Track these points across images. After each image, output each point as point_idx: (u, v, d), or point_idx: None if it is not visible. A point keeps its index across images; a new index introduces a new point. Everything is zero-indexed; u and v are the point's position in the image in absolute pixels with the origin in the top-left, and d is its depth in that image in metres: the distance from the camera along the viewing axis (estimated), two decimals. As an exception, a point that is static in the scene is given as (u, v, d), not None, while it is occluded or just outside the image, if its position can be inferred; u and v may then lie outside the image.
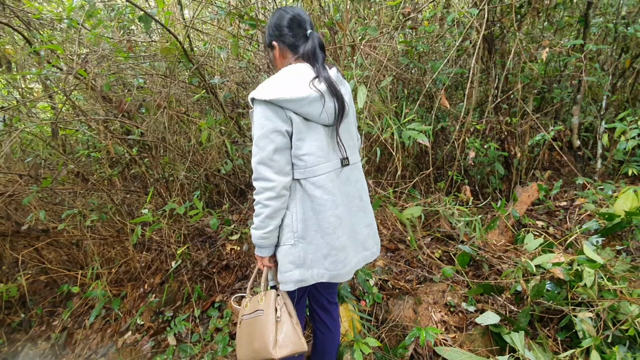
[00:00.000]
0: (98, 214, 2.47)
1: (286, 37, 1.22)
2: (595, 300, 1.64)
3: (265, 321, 1.21)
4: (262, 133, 1.11)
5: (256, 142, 1.12)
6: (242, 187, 2.98)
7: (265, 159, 1.12)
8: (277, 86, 1.12)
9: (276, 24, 1.23)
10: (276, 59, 1.27)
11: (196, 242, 2.58)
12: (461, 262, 2.35)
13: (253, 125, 1.14)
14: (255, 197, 1.16)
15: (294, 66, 1.20)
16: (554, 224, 3.12)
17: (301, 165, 1.18)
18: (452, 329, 1.97)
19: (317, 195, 1.19)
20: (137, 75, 2.69)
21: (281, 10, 1.24)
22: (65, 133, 2.44)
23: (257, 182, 1.14)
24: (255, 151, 1.13)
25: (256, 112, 1.12)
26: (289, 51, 1.24)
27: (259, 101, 1.11)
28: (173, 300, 2.22)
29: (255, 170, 1.14)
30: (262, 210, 1.15)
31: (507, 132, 3.42)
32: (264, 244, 1.20)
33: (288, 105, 1.11)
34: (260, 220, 1.16)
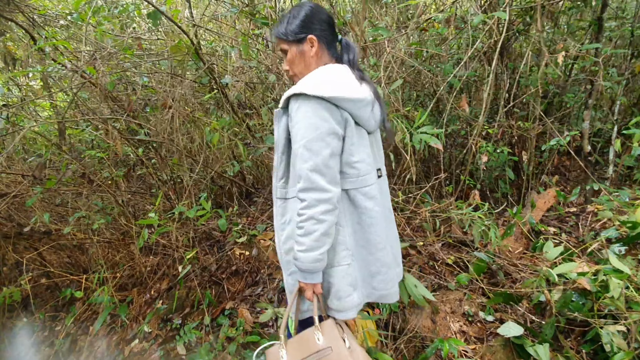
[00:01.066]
0: (103, 216, 2.40)
1: (327, 34, 1.11)
2: (625, 312, 1.59)
3: (339, 357, 1.02)
4: (316, 135, 0.97)
5: (308, 145, 0.97)
6: (251, 189, 2.91)
7: (321, 166, 0.97)
8: (332, 83, 1.00)
9: (319, 19, 1.10)
10: (307, 56, 1.11)
11: (204, 246, 2.51)
12: (477, 270, 2.29)
13: (296, 125, 0.99)
14: (304, 211, 0.99)
15: (336, 66, 1.09)
16: (566, 231, 3.07)
17: (353, 174, 1.06)
18: (471, 339, 1.91)
19: (368, 207, 1.08)
20: (143, 74, 2.62)
21: (317, 6, 1.13)
22: (70, 133, 2.37)
23: (308, 193, 0.98)
24: (306, 156, 0.97)
25: (304, 110, 0.97)
26: (326, 50, 1.13)
27: (311, 98, 0.97)
28: (181, 307, 2.15)
29: (306, 178, 0.98)
30: (316, 227, 0.98)
31: (518, 136, 3.38)
32: (317, 268, 1.02)
33: (346, 105, 1.00)
34: (315, 240, 0.99)
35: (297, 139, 0.99)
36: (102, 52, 1.95)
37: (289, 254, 1.11)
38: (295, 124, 1.00)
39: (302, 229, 1.00)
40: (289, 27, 1.09)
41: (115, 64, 2.17)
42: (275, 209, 1.16)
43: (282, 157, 1.10)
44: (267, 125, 2.76)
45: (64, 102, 2.63)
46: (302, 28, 1.08)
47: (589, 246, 2.14)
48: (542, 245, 2.26)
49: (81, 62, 1.89)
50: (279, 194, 1.14)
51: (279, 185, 1.14)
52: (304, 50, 1.10)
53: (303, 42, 1.09)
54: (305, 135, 0.97)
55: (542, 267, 2.01)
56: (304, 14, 1.09)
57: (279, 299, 2.16)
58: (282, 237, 1.13)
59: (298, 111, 0.99)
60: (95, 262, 2.50)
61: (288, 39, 1.10)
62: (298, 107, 0.99)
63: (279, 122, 1.08)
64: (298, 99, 0.99)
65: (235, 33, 2.55)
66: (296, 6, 1.13)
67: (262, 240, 2.45)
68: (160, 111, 2.33)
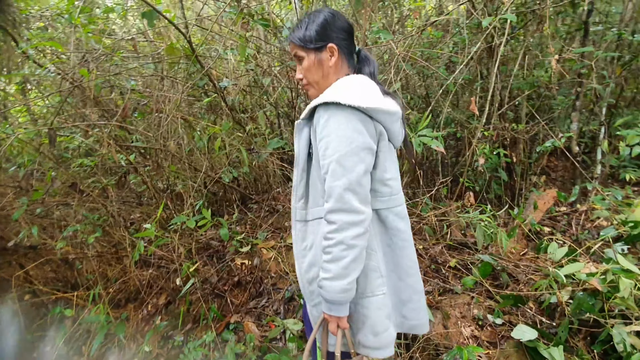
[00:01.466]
0: (92, 227, 2.26)
1: (346, 44, 1.04)
2: (636, 311, 1.60)
3: None
4: (350, 149, 0.87)
5: (341, 160, 0.87)
6: (248, 195, 2.82)
7: (354, 184, 0.87)
8: (365, 93, 0.92)
9: (339, 26, 1.02)
10: (325, 65, 1.03)
11: (203, 257, 2.40)
12: (482, 273, 2.29)
13: (326, 138, 0.89)
14: (333, 235, 0.88)
15: (362, 77, 1.00)
16: (560, 230, 3.13)
17: (385, 193, 0.98)
18: (484, 344, 1.89)
19: (400, 229, 1.00)
20: (132, 77, 2.50)
21: (337, 12, 1.05)
22: (59, 140, 2.22)
23: (338, 215, 0.87)
24: (339, 172, 0.87)
25: (336, 121, 0.88)
26: (345, 61, 1.05)
27: (344, 108, 0.88)
28: (182, 323, 2.04)
29: (338, 198, 0.87)
30: (346, 252, 0.87)
31: (511, 138, 3.43)
32: (345, 299, 0.91)
33: (381, 117, 0.93)
34: (344, 267, 0.88)
35: (328, 154, 0.89)
36: (93, 54, 1.83)
37: (312, 283, 1.00)
38: (324, 137, 0.90)
39: (329, 254, 0.89)
40: (307, 33, 1.01)
41: (108, 67, 2.05)
42: (295, 233, 1.06)
43: (303, 175, 1.01)
44: (263, 130, 2.69)
45: (44, 107, 2.47)
46: (321, 35, 1.00)
47: (591, 246, 2.17)
48: (547, 247, 2.28)
49: (71, 65, 1.76)
50: (298, 216, 1.04)
51: (298, 206, 1.04)
52: (322, 59, 1.02)
53: (322, 51, 1.01)
54: (337, 149, 0.88)
55: (549, 268, 2.02)
56: (323, 20, 1.01)
57: (286, 309, 2.09)
58: (304, 264, 1.02)
59: (328, 122, 0.89)
60: (84, 278, 2.35)
61: (306, 46, 1.01)
62: (328, 118, 0.89)
63: (300, 134, 1.00)
64: (328, 109, 0.89)
65: (231, 35, 2.47)
66: (314, 11, 1.05)
67: (263, 249, 2.37)
68: (154, 116, 2.22)
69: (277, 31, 2.53)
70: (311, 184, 1.01)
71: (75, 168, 2.16)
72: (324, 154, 0.91)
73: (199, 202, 2.45)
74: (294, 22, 3.14)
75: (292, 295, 2.15)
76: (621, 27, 2.87)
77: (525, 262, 2.49)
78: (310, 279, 1.01)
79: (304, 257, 1.03)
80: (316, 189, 0.99)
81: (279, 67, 2.84)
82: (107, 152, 1.88)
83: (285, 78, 2.81)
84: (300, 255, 1.04)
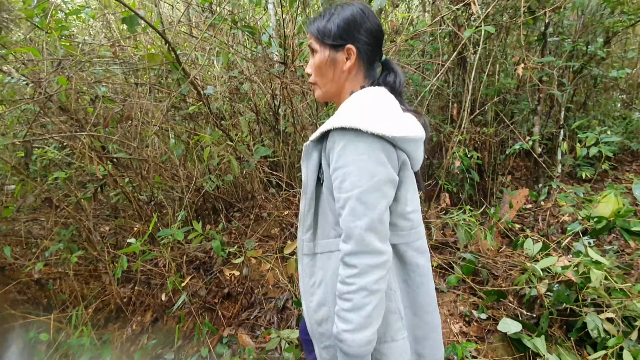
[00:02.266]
0: (67, 244, 2.12)
1: (369, 50, 0.90)
2: (607, 300, 1.76)
3: None
4: (372, 184, 0.77)
5: (362, 197, 0.77)
6: (233, 203, 2.77)
7: (376, 222, 0.78)
8: (388, 117, 0.81)
9: (367, 28, 0.88)
10: (338, 68, 0.90)
11: (189, 270, 2.32)
12: (466, 270, 2.40)
13: (343, 169, 0.78)
14: (354, 280, 0.78)
15: (381, 92, 0.88)
16: (529, 226, 3.35)
17: (406, 227, 0.89)
18: (473, 339, 1.98)
19: (420, 264, 0.92)
20: (110, 84, 2.38)
21: (368, 10, 0.90)
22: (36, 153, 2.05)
23: (360, 259, 0.77)
24: (360, 211, 0.77)
25: (356, 151, 0.77)
26: (363, 69, 0.92)
27: (366, 135, 0.77)
28: (172, 340, 1.96)
29: (360, 240, 0.77)
30: (369, 299, 0.77)
31: (481, 141, 3.64)
32: (368, 351, 0.80)
33: (406, 146, 0.82)
34: (367, 316, 0.78)
35: (345, 187, 0.79)
36: (69, 61, 1.73)
37: (322, 324, 0.90)
38: (340, 167, 0.79)
39: (349, 301, 0.78)
40: (328, 26, 0.88)
41: (85, 75, 1.94)
42: (301, 268, 0.95)
43: (312, 203, 0.90)
44: (244, 137, 2.66)
45: (10, 117, 2.28)
46: (342, 32, 0.88)
47: (561, 240, 2.35)
48: (522, 243, 2.44)
49: (44, 72, 1.65)
50: (305, 249, 0.93)
51: (305, 238, 0.93)
52: (336, 60, 0.90)
53: (339, 50, 0.89)
54: (358, 184, 0.77)
55: (527, 263, 2.16)
56: (350, 16, 0.88)
57: (279, 319, 2.07)
58: (312, 303, 0.92)
59: (345, 150, 0.78)
60: (59, 298, 2.19)
61: (322, 40, 0.90)
62: (345, 145, 0.78)
63: (309, 158, 0.88)
64: (345, 135, 0.78)
65: (212, 41, 2.43)
66: (343, 4, 0.91)
67: (252, 258, 2.33)
68: (134, 125, 2.13)
69: (259, 37, 2.52)
70: (321, 214, 0.91)
71: (50, 182, 2.01)
72: (339, 187, 0.80)
73: (181, 212, 2.37)
74: (273, 27, 3.14)
75: (284, 304, 2.13)
76: (576, 37, 3.14)
77: (502, 258, 2.64)
78: (320, 320, 0.91)
79: (312, 295, 0.92)
80: (326, 219, 0.89)
81: (258, 72, 2.83)
82: (85, 163, 1.77)
83: (267, 85, 2.79)
84: (308, 292, 0.93)
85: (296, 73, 2.46)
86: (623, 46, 5.08)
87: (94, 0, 3.63)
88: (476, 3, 2.35)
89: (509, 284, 2.28)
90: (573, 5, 3.05)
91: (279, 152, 2.77)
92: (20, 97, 2.02)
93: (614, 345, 1.60)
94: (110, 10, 2.73)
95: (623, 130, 4.80)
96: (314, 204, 0.91)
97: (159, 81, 2.48)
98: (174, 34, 2.62)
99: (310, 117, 2.92)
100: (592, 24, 3.40)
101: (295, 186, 2.60)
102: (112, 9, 2.82)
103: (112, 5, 2.97)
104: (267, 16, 3.60)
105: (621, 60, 4.83)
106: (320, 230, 0.91)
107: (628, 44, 5.17)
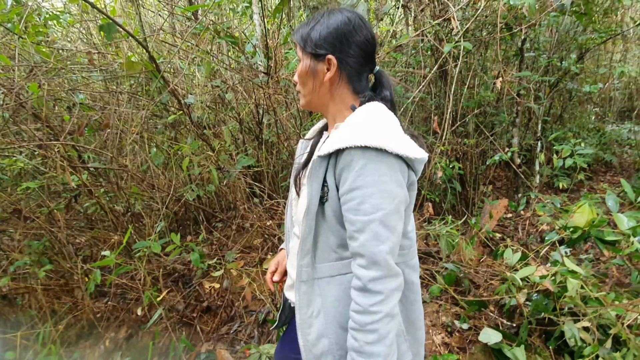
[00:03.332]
0: (38, 257, 2.03)
1: (355, 62, 0.85)
2: (584, 309, 1.79)
3: None
4: (393, 206, 0.75)
5: (385, 220, 0.74)
6: (214, 213, 2.72)
7: (396, 246, 0.76)
8: (402, 137, 0.79)
9: (355, 40, 0.83)
10: (318, 79, 0.85)
11: (167, 283, 2.25)
12: (448, 280, 2.41)
13: (362, 190, 0.74)
14: (379, 308, 0.74)
15: (383, 109, 0.84)
16: (509, 235, 3.42)
17: (406, 246, 0.89)
18: (454, 350, 1.98)
19: (415, 282, 0.91)
20: (85, 92, 2.32)
21: (359, 20, 0.84)
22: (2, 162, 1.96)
23: (385, 284, 0.75)
24: (383, 235, 0.74)
25: (376, 171, 0.74)
26: (346, 82, 0.87)
27: (389, 156, 0.74)
28: (146, 358, 1.88)
29: (384, 264, 0.74)
30: (391, 325, 0.75)
31: (463, 152, 3.71)
32: None
33: (418, 167, 0.82)
34: (390, 345, 0.75)
35: (365, 210, 0.74)
36: (41, 68, 1.67)
37: (321, 359, 0.85)
38: (358, 187, 0.74)
39: (374, 333, 0.73)
40: (311, 34, 0.84)
41: (59, 82, 1.88)
42: (298, 297, 0.87)
43: (312, 224, 0.83)
44: (227, 146, 2.63)
45: None
46: (325, 42, 0.83)
47: (539, 250, 2.39)
48: (502, 253, 2.47)
49: (16, 79, 1.59)
50: (304, 275, 0.86)
51: (303, 263, 0.85)
52: (316, 70, 0.85)
53: (319, 60, 0.84)
54: (380, 207, 0.74)
55: (506, 273, 2.19)
56: (336, 25, 0.83)
57: (260, 333, 2.02)
58: (311, 336, 0.85)
59: (365, 170, 0.74)
60: (27, 315, 2.08)
61: (304, 48, 0.85)
62: (365, 165, 0.74)
63: (316, 174, 0.81)
64: (366, 154, 0.73)
65: (194, 50, 2.41)
66: (333, 10, 0.86)
67: (232, 270, 2.28)
68: (111, 133, 2.07)
69: (242, 47, 2.52)
70: (321, 235, 0.84)
71: (20, 192, 1.92)
72: (357, 209, 0.75)
73: (160, 223, 2.31)
74: (258, 37, 3.14)
75: (265, 317, 2.09)
76: (551, 53, 3.27)
77: (483, 268, 2.67)
78: (319, 354, 0.85)
79: (310, 327, 0.85)
80: (327, 241, 0.84)
81: (242, 82, 2.82)
82: (58, 173, 1.71)
83: (250, 94, 2.79)
84: (306, 324, 0.86)
85: (279, 83, 2.46)
86: (595, 62, 5.32)
87: (75, 7, 3.58)
88: (456, 19, 2.42)
89: (490, 293, 2.30)
90: (548, 23, 3.18)
91: (262, 162, 2.75)
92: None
93: (590, 354, 1.62)
94: (90, 16, 2.68)
95: (597, 142, 4.99)
96: (314, 225, 0.84)
97: (139, 89, 2.44)
98: (157, 42, 2.59)
99: (294, 127, 2.92)
100: (566, 40, 3.56)
101: (278, 196, 2.58)
102: (93, 15, 2.78)
103: (92, 11, 2.92)
104: (253, 26, 3.61)
105: (594, 75, 5.05)
106: (319, 254, 0.85)
107: (600, 60, 5.42)
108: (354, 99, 0.90)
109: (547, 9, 2.69)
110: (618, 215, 1.99)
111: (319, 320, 0.84)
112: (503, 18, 2.55)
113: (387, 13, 3.66)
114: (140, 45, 1.79)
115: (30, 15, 2.28)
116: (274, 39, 2.88)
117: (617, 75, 4.49)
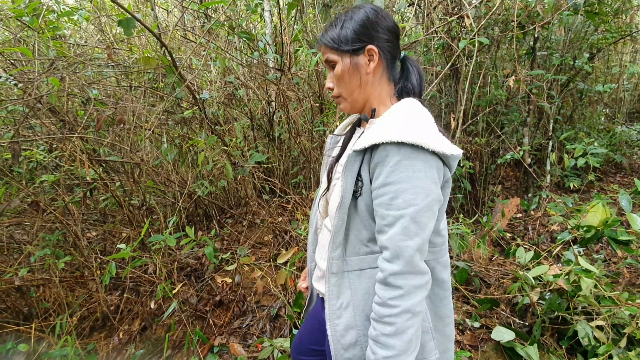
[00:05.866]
0: (53, 249, 2.05)
1: (391, 48, 0.87)
2: (598, 308, 1.78)
3: None
4: (427, 203, 0.75)
5: (417, 216, 0.74)
6: (225, 209, 2.73)
7: (425, 243, 0.76)
8: (437, 134, 0.79)
9: (385, 25, 0.85)
10: (362, 72, 0.86)
11: (180, 276, 2.27)
12: (460, 279, 2.41)
13: (396, 185, 0.75)
14: (398, 303, 0.75)
15: (418, 106, 0.84)
16: (519, 235, 3.40)
17: (438, 243, 0.88)
18: (467, 348, 1.98)
19: (445, 279, 0.91)
20: (103, 87, 2.34)
21: (380, 9, 0.87)
22: (25, 155, 1.99)
23: (407, 279, 0.75)
24: (413, 231, 0.74)
25: (412, 167, 0.74)
26: (387, 70, 0.88)
27: (424, 153, 0.75)
28: (161, 350, 1.90)
29: (409, 260, 0.74)
30: (412, 322, 0.75)
31: (473, 151, 3.70)
32: None
33: (453, 164, 0.81)
34: (408, 341, 0.75)
35: (397, 205, 0.75)
36: (62, 62, 1.69)
37: (349, 350, 0.85)
38: (392, 183, 0.75)
39: (392, 325, 0.75)
40: (343, 32, 0.84)
41: (78, 77, 1.90)
42: (328, 288, 0.88)
43: (345, 218, 0.84)
44: (239, 142, 2.64)
45: (21, 118, 2.21)
46: (360, 35, 0.84)
47: (552, 249, 2.38)
48: (514, 251, 2.46)
49: (35, 72, 1.61)
50: (334, 267, 0.87)
51: (334, 255, 0.86)
52: (359, 64, 0.85)
53: (359, 54, 0.85)
54: (413, 203, 0.74)
55: (519, 272, 2.18)
56: (364, 16, 0.84)
57: (272, 327, 2.03)
58: (339, 327, 0.86)
59: (399, 166, 0.74)
60: (41, 306, 2.11)
61: (339, 48, 0.85)
62: (399, 161, 0.74)
63: (351, 169, 0.82)
64: (401, 150, 0.74)
65: (208, 46, 2.42)
66: (353, 7, 0.87)
67: (246, 265, 2.30)
68: (126, 128, 2.09)
69: (255, 44, 2.53)
70: (352, 229, 0.85)
71: (37, 185, 1.95)
72: (389, 204, 0.76)
73: (173, 218, 2.33)
74: (268, 35, 3.15)
75: (277, 312, 2.10)
76: (563, 52, 3.24)
77: (494, 267, 2.66)
78: (347, 345, 0.85)
79: (338, 318, 0.86)
80: (358, 235, 0.85)
81: (254, 78, 2.83)
82: (75, 166, 1.72)
83: (262, 91, 2.79)
84: (334, 315, 0.87)
85: (292, 80, 2.47)
86: (606, 62, 5.27)
87: (87, 3, 3.60)
88: (470, 16, 2.41)
89: (502, 292, 2.30)
90: (560, 22, 3.15)
91: (273, 158, 2.76)
92: (7, 98, 1.96)
93: (604, 353, 1.61)
94: (104, 12, 2.71)
95: (607, 142, 4.95)
96: (347, 218, 0.85)
97: (153, 85, 2.46)
98: (169, 39, 2.61)
99: (305, 124, 2.92)
100: (577, 39, 3.53)
101: (289, 192, 2.59)
102: (107, 11, 2.80)
103: (107, 7, 2.94)
104: (263, 23, 3.62)
105: (604, 75, 5.00)
106: (350, 247, 0.86)
107: (610, 60, 5.37)
108: (390, 88, 0.91)
109: (561, 7, 2.67)
110: (632, 215, 1.97)
111: (348, 312, 0.85)
112: (517, 16, 2.54)
113: (398, 10, 3.66)
114: (158, 41, 1.80)
115: (47, 11, 2.30)
116: (287, 35, 2.89)
117: (628, 76, 4.44)
